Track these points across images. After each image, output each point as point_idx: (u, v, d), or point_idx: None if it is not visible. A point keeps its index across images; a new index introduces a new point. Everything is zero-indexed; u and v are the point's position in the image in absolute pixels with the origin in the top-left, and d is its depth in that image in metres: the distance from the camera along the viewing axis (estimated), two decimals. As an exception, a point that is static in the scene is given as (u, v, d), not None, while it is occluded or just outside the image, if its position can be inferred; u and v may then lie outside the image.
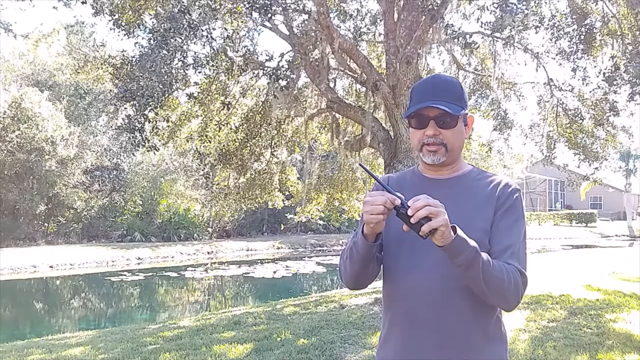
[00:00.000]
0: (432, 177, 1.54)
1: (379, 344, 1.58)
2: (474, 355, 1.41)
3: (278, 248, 23.01)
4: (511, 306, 1.42)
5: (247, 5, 6.07)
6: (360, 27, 8.78)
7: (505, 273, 1.36)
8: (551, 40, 8.57)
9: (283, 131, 9.72)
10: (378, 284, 1.61)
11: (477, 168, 1.59)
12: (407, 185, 1.56)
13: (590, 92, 9.30)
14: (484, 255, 1.32)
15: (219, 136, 9.39)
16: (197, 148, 9.42)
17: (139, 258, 18.57)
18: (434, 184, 1.52)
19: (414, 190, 1.51)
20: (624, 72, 7.89)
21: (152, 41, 5.54)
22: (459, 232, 1.27)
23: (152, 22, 6.65)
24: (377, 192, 1.31)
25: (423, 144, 1.47)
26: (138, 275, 15.71)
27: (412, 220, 1.21)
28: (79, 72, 9.44)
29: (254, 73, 8.48)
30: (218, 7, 5.67)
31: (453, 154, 1.49)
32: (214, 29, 6.26)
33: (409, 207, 1.22)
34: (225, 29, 6.31)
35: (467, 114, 1.51)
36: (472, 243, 1.29)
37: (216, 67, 6.83)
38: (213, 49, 6.45)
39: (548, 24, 8.30)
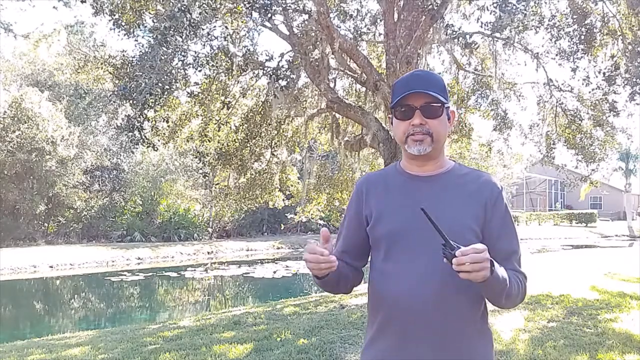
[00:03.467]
0: (416, 174, 1.52)
1: (365, 344, 1.56)
2: (467, 353, 1.42)
3: (278, 248, 23.02)
4: (515, 307, 1.52)
5: (247, 5, 6.07)
6: (360, 27, 8.77)
7: (520, 287, 1.44)
8: (551, 40, 8.57)
9: (283, 131, 9.72)
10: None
11: (459, 164, 1.58)
12: (390, 184, 1.54)
13: (589, 92, 9.30)
14: (509, 280, 1.38)
15: (219, 136, 9.40)
16: (197, 148, 9.43)
17: (139, 258, 18.57)
18: (419, 181, 1.51)
19: (400, 189, 1.52)
20: (624, 73, 7.89)
21: (152, 40, 5.55)
22: (495, 271, 1.31)
23: (153, 22, 6.65)
24: (310, 248, 1.37)
25: (408, 135, 1.46)
26: (138, 275, 15.70)
27: (454, 269, 1.26)
28: (79, 72, 9.43)
29: (254, 73, 8.49)
30: (218, 6, 5.67)
31: (438, 145, 1.48)
32: (214, 27, 6.27)
33: (455, 255, 1.25)
34: (226, 27, 6.31)
35: (449, 107, 1.51)
36: (504, 278, 1.35)
37: (216, 67, 6.83)
38: (213, 49, 6.45)
39: (548, 24, 8.30)
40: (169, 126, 8.86)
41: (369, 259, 1.60)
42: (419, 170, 1.52)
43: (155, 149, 7.54)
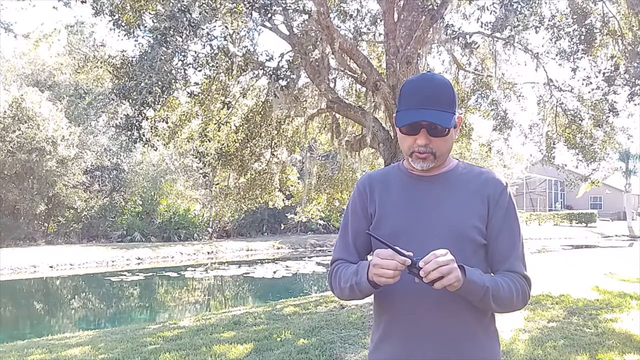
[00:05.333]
0: (419, 174, 1.51)
1: (371, 347, 1.55)
2: (474, 354, 1.41)
3: (278, 248, 23.01)
4: (518, 310, 1.47)
5: (247, 5, 6.07)
6: (360, 27, 8.77)
7: (515, 290, 1.40)
8: (551, 40, 8.56)
9: (283, 131, 9.72)
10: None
11: (463, 162, 1.57)
12: (393, 183, 1.54)
13: (589, 92, 9.30)
14: (493, 283, 1.35)
15: (219, 136, 9.40)
16: (197, 148, 9.44)
17: (139, 258, 18.57)
18: (422, 181, 1.50)
19: (403, 189, 1.51)
20: (624, 73, 7.89)
21: (152, 40, 5.55)
22: (468, 274, 1.29)
23: (152, 22, 6.65)
24: (386, 253, 1.29)
25: (413, 151, 1.44)
26: (138, 275, 15.70)
27: (425, 281, 1.25)
28: (78, 72, 9.45)
29: (254, 73, 8.48)
30: (218, 6, 5.67)
31: (442, 159, 1.47)
32: (214, 27, 6.26)
33: (420, 268, 1.24)
34: (226, 27, 6.31)
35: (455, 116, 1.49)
36: (481, 280, 1.32)
37: (216, 67, 6.83)
38: (213, 49, 6.45)
39: (548, 24, 8.30)
40: (168, 127, 8.86)
41: None
42: (421, 171, 1.51)
43: (155, 148, 7.55)
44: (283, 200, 11.34)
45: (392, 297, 1.45)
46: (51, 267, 16.55)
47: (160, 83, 5.44)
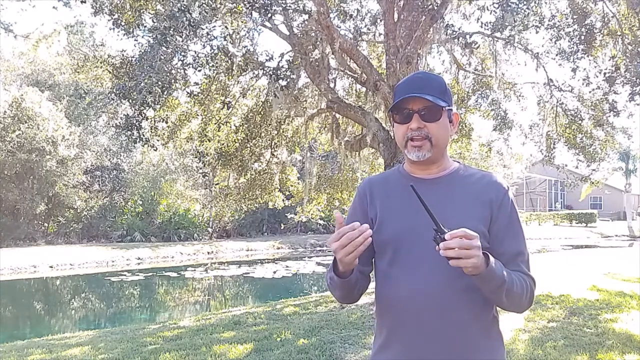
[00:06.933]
0: (419, 177, 1.50)
1: (373, 351, 1.54)
2: (477, 355, 1.41)
3: (278, 248, 23.02)
4: (523, 311, 1.46)
5: (247, 5, 6.07)
6: (360, 27, 8.77)
7: (525, 288, 1.40)
8: (551, 40, 8.57)
9: (283, 131, 9.72)
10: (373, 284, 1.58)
11: (464, 165, 1.56)
12: (394, 187, 1.53)
13: (590, 92, 9.30)
14: (509, 277, 1.34)
15: (218, 136, 9.40)
16: (197, 148, 9.44)
17: (139, 258, 18.57)
18: (422, 184, 1.47)
19: (403, 192, 1.48)
20: (624, 73, 7.89)
21: (151, 40, 5.55)
22: (491, 262, 1.28)
23: (152, 22, 6.65)
24: (338, 231, 1.30)
25: (407, 140, 1.45)
26: (138, 275, 15.70)
27: (441, 254, 1.23)
28: (78, 72, 9.45)
29: (254, 73, 8.48)
30: (218, 6, 5.67)
31: (438, 149, 1.46)
32: (214, 27, 6.26)
33: (444, 239, 1.23)
34: (226, 27, 6.31)
35: (451, 109, 1.49)
36: (500, 271, 1.31)
37: (216, 67, 6.83)
38: (213, 49, 6.45)
39: (548, 24, 8.30)
40: (168, 126, 8.87)
41: (374, 264, 1.56)
42: (422, 173, 1.50)
43: (155, 148, 7.56)
44: (283, 200, 11.34)
45: (395, 301, 1.44)
46: (51, 267, 16.55)
47: (160, 83, 5.44)
